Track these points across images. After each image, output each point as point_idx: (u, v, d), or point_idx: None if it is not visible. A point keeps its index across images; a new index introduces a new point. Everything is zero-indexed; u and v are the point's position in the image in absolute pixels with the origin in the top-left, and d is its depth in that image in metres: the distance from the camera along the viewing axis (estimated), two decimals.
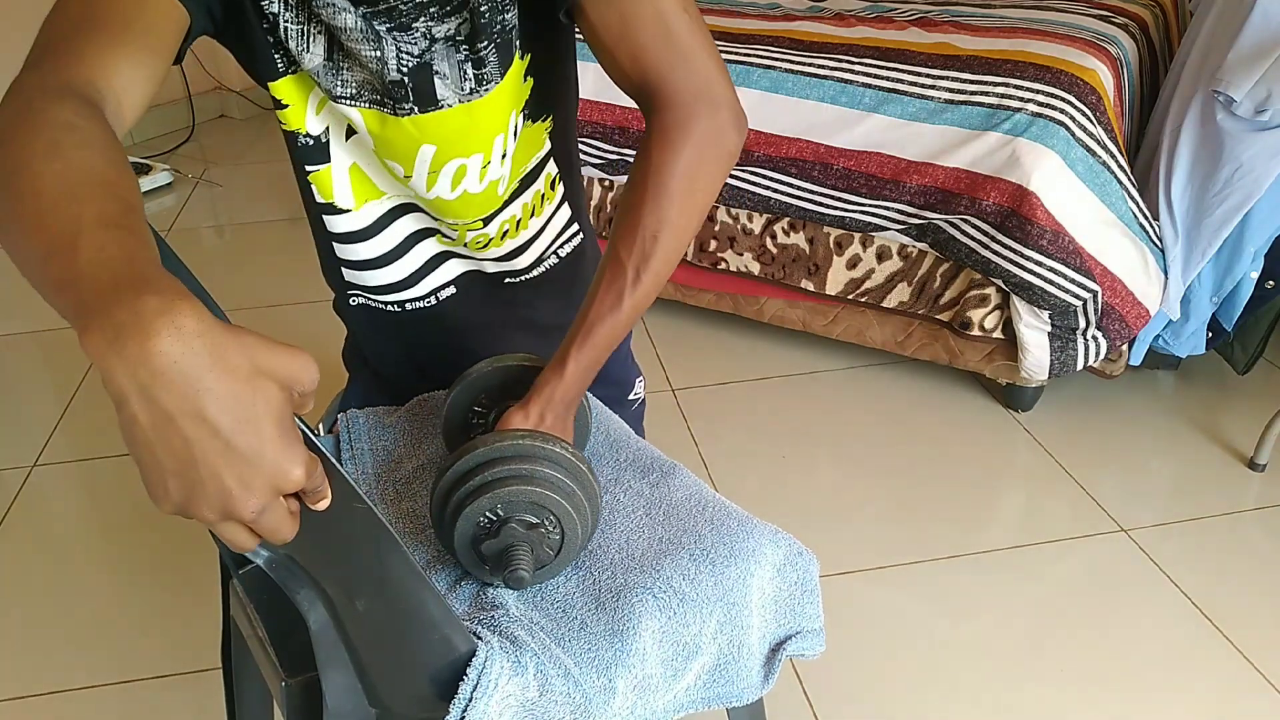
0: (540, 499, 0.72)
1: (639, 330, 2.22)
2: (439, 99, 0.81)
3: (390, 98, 0.81)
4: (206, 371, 0.42)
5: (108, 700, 1.33)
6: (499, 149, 0.87)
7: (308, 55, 0.79)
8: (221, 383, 0.42)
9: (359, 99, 0.82)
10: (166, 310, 0.42)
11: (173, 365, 0.41)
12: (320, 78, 0.80)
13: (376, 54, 0.78)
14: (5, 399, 2.04)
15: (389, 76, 0.79)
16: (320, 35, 0.79)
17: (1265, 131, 1.60)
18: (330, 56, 0.80)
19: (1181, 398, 2.00)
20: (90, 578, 1.55)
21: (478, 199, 0.90)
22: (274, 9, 0.77)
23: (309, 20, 0.78)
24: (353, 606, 0.61)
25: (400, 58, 0.78)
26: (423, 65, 0.79)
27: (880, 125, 1.79)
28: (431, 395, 1.01)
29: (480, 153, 0.86)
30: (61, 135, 0.54)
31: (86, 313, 0.43)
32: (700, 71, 0.76)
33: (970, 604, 1.48)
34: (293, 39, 0.78)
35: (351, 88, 0.81)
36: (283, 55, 0.80)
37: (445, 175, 0.87)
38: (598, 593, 0.77)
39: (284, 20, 0.77)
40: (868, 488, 1.74)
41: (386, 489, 0.90)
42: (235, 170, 3.20)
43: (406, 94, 0.80)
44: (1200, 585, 1.51)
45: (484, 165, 0.87)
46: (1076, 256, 1.68)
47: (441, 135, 0.84)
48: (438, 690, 0.66)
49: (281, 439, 0.44)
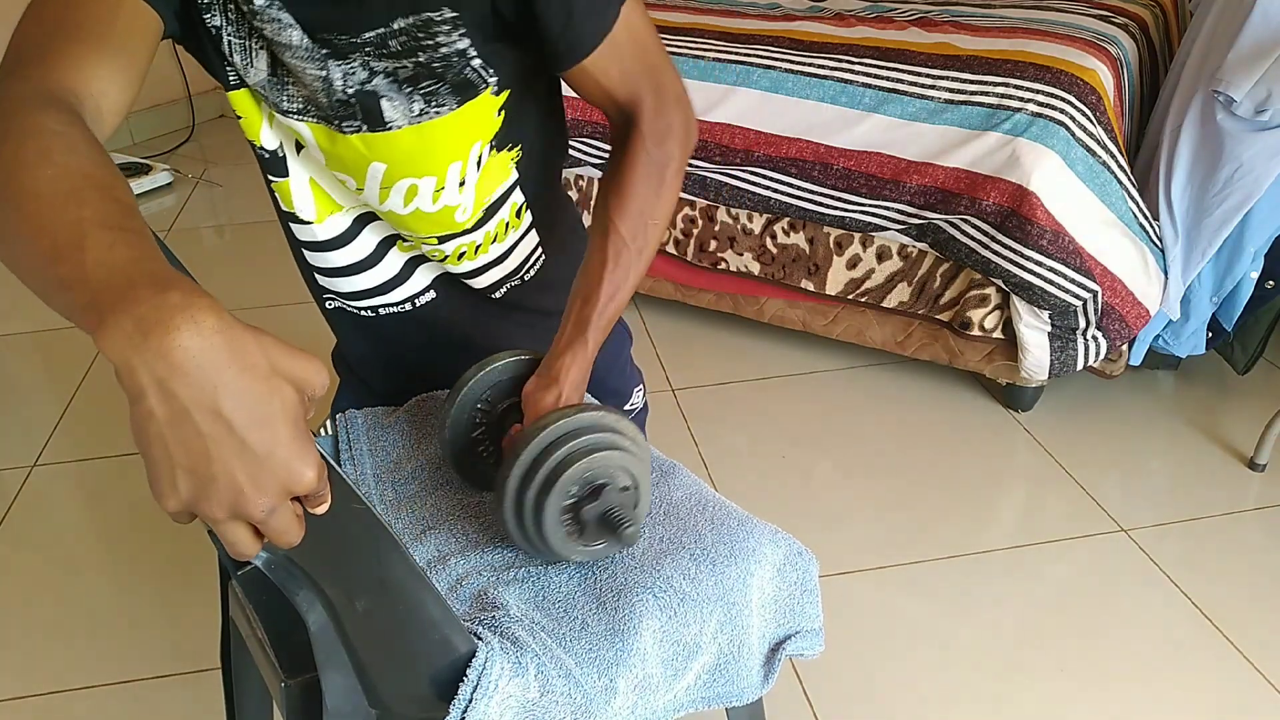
0: (627, 463, 0.75)
1: (639, 330, 2.22)
2: (386, 120, 0.80)
3: (337, 116, 0.80)
4: (225, 368, 0.42)
5: (108, 700, 1.33)
6: (455, 176, 0.86)
7: (251, 70, 0.78)
8: (239, 379, 0.43)
9: (305, 114, 0.81)
10: (186, 306, 0.42)
11: (191, 360, 0.42)
12: (265, 91, 0.80)
13: (321, 73, 0.77)
14: (5, 399, 2.04)
15: (335, 96, 0.78)
16: (262, 50, 0.78)
17: (1265, 131, 1.60)
18: (274, 72, 0.79)
19: (1181, 398, 1.99)
20: (90, 578, 1.55)
21: (432, 217, 0.89)
22: (216, 22, 0.76)
23: (250, 35, 0.77)
24: (352, 607, 0.61)
25: (345, 79, 0.78)
26: (367, 91, 0.79)
27: (880, 125, 1.79)
28: (431, 395, 1.01)
29: (433, 175, 0.85)
30: (49, 142, 0.54)
31: (102, 309, 0.43)
32: (672, 82, 0.85)
33: (970, 604, 1.48)
34: (236, 53, 0.77)
35: (298, 103, 0.80)
36: (232, 68, 0.80)
37: (397, 192, 0.86)
38: (599, 592, 0.77)
39: (226, 34, 0.76)
40: (868, 488, 1.74)
41: (386, 490, 0.90)
42: (235, 170, 3.20)
43: (354, 113, 0.80)
44: (1200, 585, 1.51)
45: (437, 189, 0.86)
46: (1076, 256, 1.68)
47: (390, 155, 0.83)
48: (437, 691, 0.66)
49: (295, 439, 0.45)
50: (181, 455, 0.43)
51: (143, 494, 1.72)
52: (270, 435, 0.44)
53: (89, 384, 2.04)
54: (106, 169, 0.54)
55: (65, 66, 0.62)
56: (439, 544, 0.83)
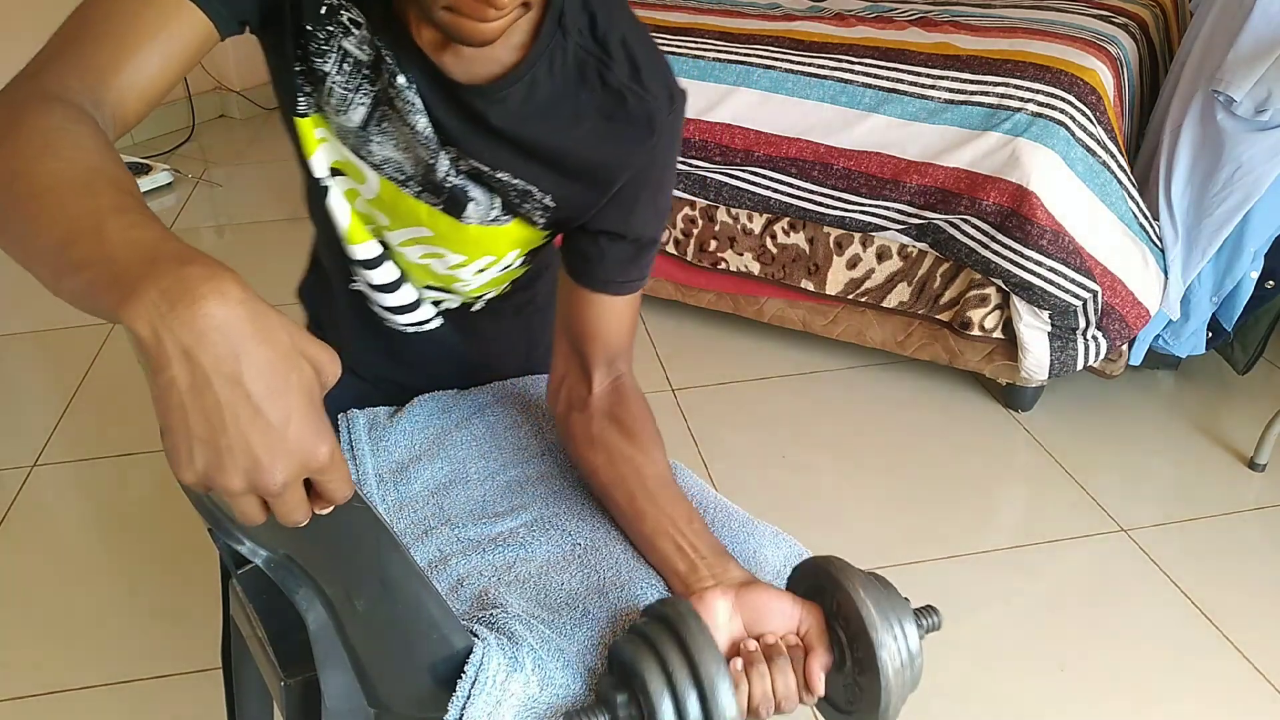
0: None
1: (639, 329, 2.22)
2: (464, 216, 0.80)
3: (419, 187, 0.79)
4: (249, 338, 0.43)
5: (108, 700, 1.33)
6: (481, 264, 0.87)
7: (343, 116, 0.76)
8: (261, 350, 0.44)
9: (382, 169, 0.79)
10: (211, 278, 0.43)
11: (217, 328, 0.43)
12: (345, 136, 0.77)
13: (430, 160, 0.76)
14: (5, 399, 2.04)
15: (430, 176, 0.78)
16: (364, 106, 0.75)
17: (1265, 131, 1.60)
18: (366, 127, 0.76)
19: (1181, 398, 1.99)
20: (90, 578, 1.55)
21: (435, 274, 0.89)
22: (325, 68, 0.73)
23: (358, 90, 0.74)
24: (352, 606, 0.61)
25: (450, 171, 0.78)
26: (462, 187, 0.79)
27: (880, 125, 1.79)
28: (433, 395, 1.01)
29: (464, 255, 0.86)
30: (54, 138, 0.54)
31: (125, 284, 0.44)
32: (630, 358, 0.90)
33: (970, 604, 1.48)
34: (334, 97, 0.75)
35: (378, 159, 0.78)
36: (308, 98, 0.76)
37: (420, 246, 0.86)
38: (601, 586, 0.77)
39: (333, 81, 0.73)
40: (868, 488, 1.74)
41: (387, 491, 0.90)
42: (235, 170, 3.20)
43: (440, 195, 0.79)
44: (1200, 585, 1.51)
45: (459, 264, 0.87)
46: (1076, 256, 1.68)
47: (442, 231, 0.83)
48: (437, 689, 0.66)
49: (311, 415, 0.45)
50: (200, 425, 0.43)
51: (143, 494, 1.72)
52: (287, 407, 0.44)
53: (89, 384, 2.04)
54: (115, 163, 0.54)
55: (84, 69, 0.61)
56: (440, 545, 0.83)
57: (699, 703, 0.60)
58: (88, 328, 2.21)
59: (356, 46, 0.72)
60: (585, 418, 0.86)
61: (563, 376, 0.90)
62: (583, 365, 0.87)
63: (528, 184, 0.78)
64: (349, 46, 0.72)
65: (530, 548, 0.82)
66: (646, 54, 0.76)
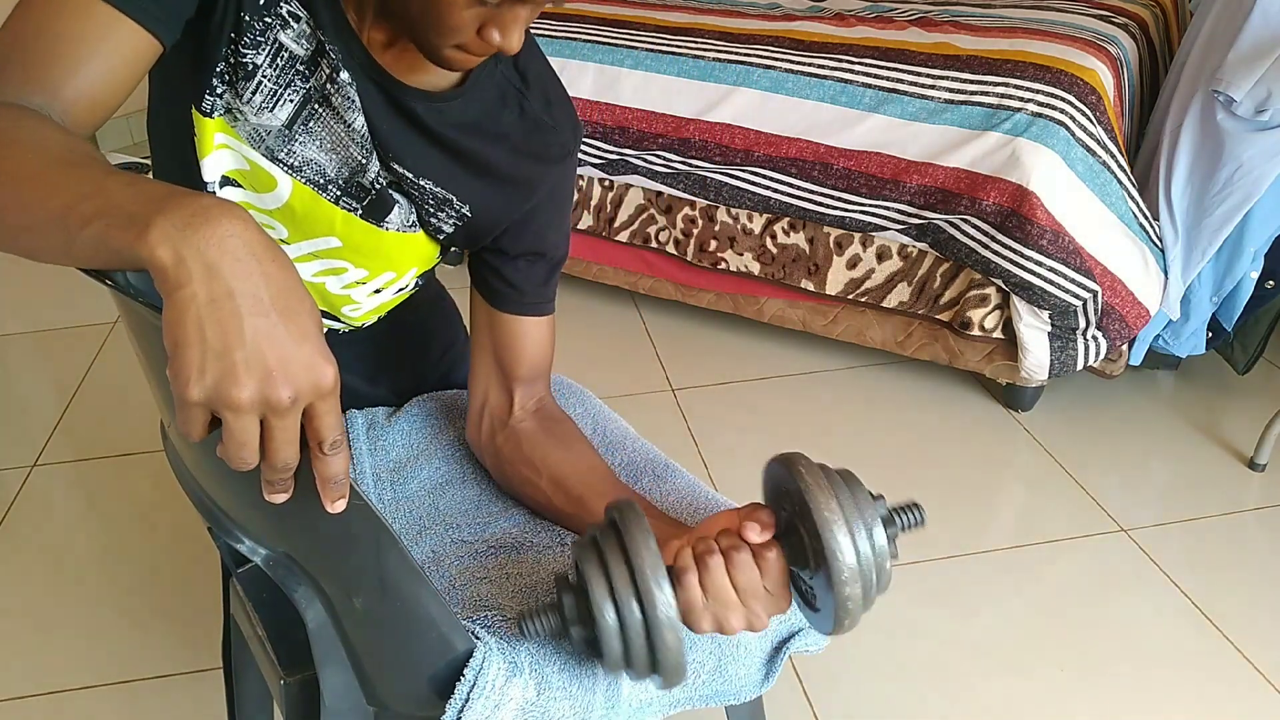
0: None
1: (640, 330, 2.22)
2: (385, 221, 0.81)
3: (341, 191, 0.78)
4: (269, 260, 0.46)
5: (108, 700, 1.33)
6: (380, 282, 0.87)
7: (267, 114, 0.73)
8: (279, 271, 0.46)
9: (299, 173, 0.77)
10: (228, 206, 0.46)
11: (241, 245, 0.45)
12: (264, 136, 0.75)
13: (363, 160, 0.76)
14: (5, 399, 2.04)
15: (358, 178, 0.77)
16: (292, 103, 0.74)
17: (1265, 131, 1.60)
18: (291, 124, 0.75)
19: (1181, 398, 1.99)
20: (90, 578, 1.55)
21: (323, 294, 0.88)
22: (256, 60, 0.71)
23: (288, 87, 0.73)
24: (351, 605, 0.61)
25: (380, 174, 0.78)
26: (389, 192, 0.79)
27: (880, 125, 1.79)
28: (431, 395, 1.01)
29: (366, 270, 0.85)
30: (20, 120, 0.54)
31: (142, 219, 0.45)
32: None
33: (970, 604, 1.48)
34: (260, 93, 0.72)
35: (298, 159, 0.76)
36: (222, 98, 0.73)
37: (320, 261, 0.84)
38: None
39: (262, 75, 0.72)
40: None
41: (384, 490, 0.90)
42: None
43: (364, 200, 0.79)
44: (1200, 585, 1.51)
45: (358, 282, 0.87)
46: (1076, 256, 1.68)
47: (355, 241, 0.82)
48: (435, 689, 0.66)
49: (321, 340, 0.47)
50: (216, 336, 0.44)
51: (143, 494, 1.72)
52: (299, 326, 0.46)
53: (89, 384, 2.04)
54: (87, 144, 0.54)
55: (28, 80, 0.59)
56: (435, 544, 0.83)
57: (635, 599, 0.60)
58: (88, 328, 2.22)
59: (294, 40, 0.72)
60: (512, 436, 0.89)
61: (483, 403, 0.91)
62: (507, 389, 0.90)
63: (448, 192, 0.81)
64: (285, 40, 0.72)
65: (524, 548, 0.82)
66: (556, 89, 0.85)
